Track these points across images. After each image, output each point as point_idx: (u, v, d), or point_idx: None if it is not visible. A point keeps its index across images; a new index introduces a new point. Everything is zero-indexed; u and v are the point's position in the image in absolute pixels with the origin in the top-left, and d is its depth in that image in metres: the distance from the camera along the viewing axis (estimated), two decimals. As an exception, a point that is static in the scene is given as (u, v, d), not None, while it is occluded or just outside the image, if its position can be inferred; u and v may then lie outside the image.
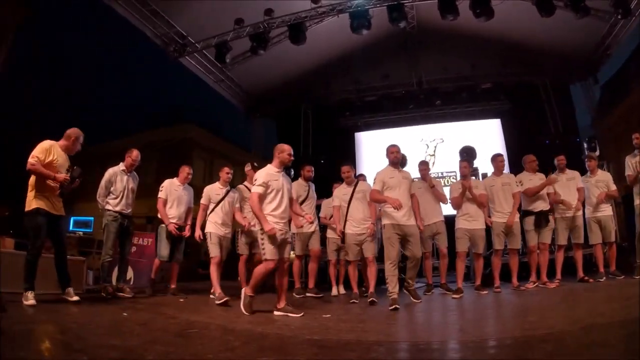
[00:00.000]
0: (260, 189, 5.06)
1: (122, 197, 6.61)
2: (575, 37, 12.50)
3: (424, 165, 7.49)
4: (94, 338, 3.47)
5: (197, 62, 12.84)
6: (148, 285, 7.29)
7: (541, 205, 7.04)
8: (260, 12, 10.99)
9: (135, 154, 6.77)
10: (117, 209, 6.57)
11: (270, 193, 5.10)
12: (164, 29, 11.32)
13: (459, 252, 6.84)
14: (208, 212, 6.78)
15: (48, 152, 5.17)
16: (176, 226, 6.92)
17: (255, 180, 5.17)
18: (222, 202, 6.77)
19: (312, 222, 6.94)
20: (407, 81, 15.06)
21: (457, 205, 6.93)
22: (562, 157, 7.48)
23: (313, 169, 7.46)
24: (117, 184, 6.60)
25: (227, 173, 7.00)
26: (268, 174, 5.16)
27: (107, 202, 6.58)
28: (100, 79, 64.51)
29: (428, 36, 13.86)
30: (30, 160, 5.05)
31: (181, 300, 6.52)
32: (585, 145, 10.95)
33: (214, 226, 6.61)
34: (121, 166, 6.74)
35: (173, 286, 7.12)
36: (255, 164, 7.42)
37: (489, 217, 7.05)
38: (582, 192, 7.23)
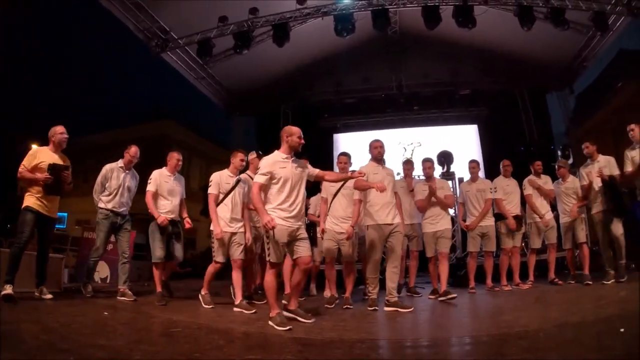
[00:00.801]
0: (262, 179, 4.45)
1: (116, 194, 6.24)
2: (553, 48, 12.87)
3: (408, 165, 7.35)
4: (79, 338, 3.48)
5: (178, 58, 12.70)
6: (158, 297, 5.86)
7: (516, 210, 7.28)
8: (244, 11, 10.95)
9: (133, 150, 6.38)
10: (109, 206, 6.20)
11: (276, 183, 4.47)
12: (147, 23, 11.20)
13: (430, 258, 6.76)
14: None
15: (32, 157, 5.52)
16: (168, 220, 6.00)
17: (259, 168, 4.58)
18: (232, 193, 5.81)
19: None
20: (388, 85, 15.28)
21: (423, 208, 6.71)
22: (539, 162, 7.62)
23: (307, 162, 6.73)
24: (112, 180, 6.24)
25: (242, 160, 5.99)
26: (275, 161, 4.53)
27: (100, 199, 6.24)
28: (83, 74, 63.55)
29: (410, 41, 14.10)
30: (19, 169, 5.45)
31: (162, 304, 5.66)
32: (559, 152, 11.17)
33: (222, 223, 5.67)
34: (119, 163, 6.38)
35: (159, 290, 6.01)
36: (260, 152, 6.47)
37: (464, 220, 7.28)
38: (552, 193, 7.44)
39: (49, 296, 5.56)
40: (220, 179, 5.81)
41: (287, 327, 3.92)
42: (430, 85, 15.16)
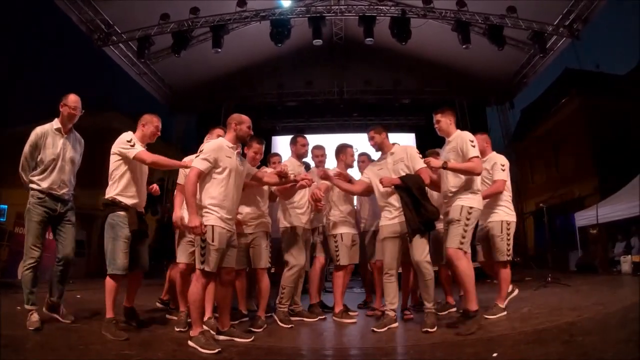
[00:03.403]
0: (204, 165, 3.66)
1: (53, 168, 4.30)
2: (495, 63, 13.49)
3: (321, 150, 5.72)
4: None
5: (121, 52, 12.62)
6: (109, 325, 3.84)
7: None
8: (188, 10, 11.03)
9: (72, 99, 4.39)
10: (44, 186, 4.24)
11: (219, 173, 3.73)
12: (90, 15, 11.10)
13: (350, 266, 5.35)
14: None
15: None
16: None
17: (201, 151, 3.81)
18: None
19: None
20: (329, 90, 15.63)
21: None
22: (364, 156, 5.96)
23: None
24: (47, 149, 4.29)
25: (219, 136, 4.55)
26: (221, 147, 3.81)
27: (31, 179, 4.30)
28: (26, 60, 61.14)
29: (354, 48, 14.47)
30: None
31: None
32: None
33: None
34: (55, 123, 4.38)
35: (110, 316, 3.90)
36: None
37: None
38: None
39: None
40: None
41: (216, 350, 3.32)
42: (371, 93, 15.62)
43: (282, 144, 15.10)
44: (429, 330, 4.02)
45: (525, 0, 10.79)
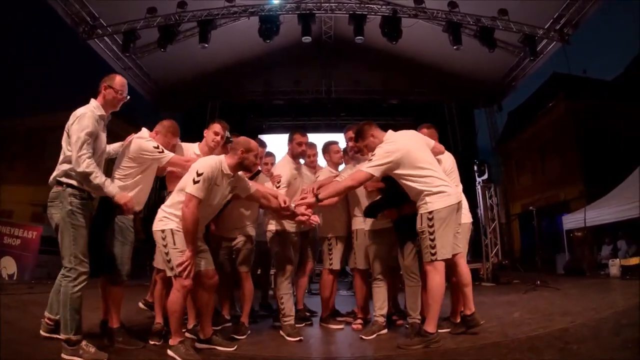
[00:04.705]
0: (202, 193, 3.41)
1: (100, 163, 3.55)
2: (484, 65, 13.46)
3: (313, 149, 5.38)
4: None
5: (106, 46, 12.26)
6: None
7: None
8: (175, 4, 10.78)
9: (119, 80, 3.68)
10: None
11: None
12: (76, 7, 10.76)
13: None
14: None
15: None
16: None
17: (200, 174, 3.41)
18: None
19: None
20: (317, 89, 15.49)
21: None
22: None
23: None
24: (100, 137, 3.54)
25: (216, 133, 4.41)
26: (218, 175, 3.55)
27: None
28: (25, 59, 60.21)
29: (343, 47, 14.28)
30: None
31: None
32: (475, 168, 11.30)
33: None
34: (97, 109, 3.53)
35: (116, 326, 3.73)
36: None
37: None
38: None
39: None
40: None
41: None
42: (359, 93, 15.52)
43: (268, 143, 14.91)
44: (410, 345, 3.65)
45: (517, 1, 10.73)
